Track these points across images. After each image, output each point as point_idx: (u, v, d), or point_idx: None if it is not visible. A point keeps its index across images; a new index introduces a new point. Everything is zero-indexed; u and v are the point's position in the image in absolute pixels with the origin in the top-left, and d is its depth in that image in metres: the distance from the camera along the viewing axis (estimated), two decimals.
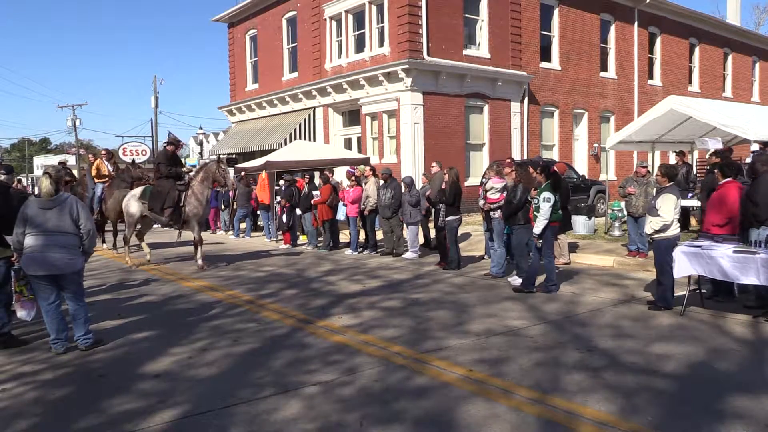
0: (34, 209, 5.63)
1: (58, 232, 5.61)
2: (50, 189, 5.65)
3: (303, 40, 22.59)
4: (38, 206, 5.64)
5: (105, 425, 4.11)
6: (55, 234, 5.59)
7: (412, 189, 11.88)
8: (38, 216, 5.60)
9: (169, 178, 11.10)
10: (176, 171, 11.26)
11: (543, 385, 4.67)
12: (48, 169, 5.82)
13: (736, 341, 5.77)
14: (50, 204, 5.64)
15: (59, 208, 5.65)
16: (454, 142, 19.10)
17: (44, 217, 5.60)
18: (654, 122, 12.53)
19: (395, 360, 5.36)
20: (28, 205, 5.68)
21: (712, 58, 28.65)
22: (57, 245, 5.58)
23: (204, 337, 6.26)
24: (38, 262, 5.55)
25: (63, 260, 5.60)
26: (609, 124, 24.29)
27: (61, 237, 5.62)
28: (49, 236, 5.58)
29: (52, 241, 5.57)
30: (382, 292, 8.43)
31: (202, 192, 10.95)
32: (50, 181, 5.66)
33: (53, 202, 5.65)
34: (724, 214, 7.05)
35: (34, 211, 5.62)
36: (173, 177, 11.11)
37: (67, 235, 5.66)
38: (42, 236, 5.57)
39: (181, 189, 10.98)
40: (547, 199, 8.00)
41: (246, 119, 25.91)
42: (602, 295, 7.94)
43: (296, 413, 4.23)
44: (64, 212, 5.66)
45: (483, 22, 20.03)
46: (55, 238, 5.59)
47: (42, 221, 5.59)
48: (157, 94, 36.18)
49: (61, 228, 5.62)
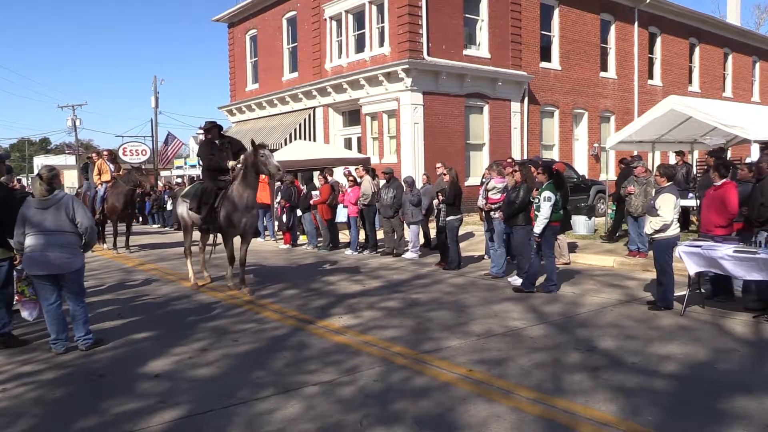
0: (32, 209, 5.66)
1: (56, 231, 5.63)
2: (41, 190, 5.68)
3: (303, 40, 22.59)
4: (35, 206, 5.67)
5: (105, 425, 4.10)
6: (53, 233, 5.61)
7: (414, 188, 11.89)
8: (36, 216, 5.63)
9: (210, 171, 9.00)
10: (216, 160, 8.92)
11: (543, 385, 4.67)
12: (41, 171, 5.82)
13: (736, 341, 5.77)
14: (46, 204, 5.66)
15: (55, 208, 5.67)
16: (454, 142, 19.10)
17: (41, 216, 5.62)
18: (654, 122, 12.51)
19: (395, 360, 5.36)
20: (27, 206, 5.71)
21: (712, 58, 28.65)
22: (56, 245, 5.60)
23: (204, 337, 6.25)
24: (38, 261, 5.58)
25: (61, 259, 5.62)
26: (609, 124, 24.29)
27: (59, 236, 5.63)
28: (48, 236, 5.60)
29: (50, 241, 5.59)
30: (383, 293, 8.42)
31: (241, 193, 8.51)
32: (40, 182, 5.70)
33: (48, 201, 5.67)
34: (726, 216, 7.03)
35: (32, 212, 5.65)
36: (214, 169, 8.96)
37: (65, 234, 5.67)
38: (41, 236, 5.59)
39: (222, 185, 8.79)
40: (548, 198, 8.00)
41: (246, 119, 25.91)
42: (603, 296, 7.93)
43: (296, 413, 4.22)
44: (61, 211, 5.67)
45: (483, 22, 20.03)
46: (53, 238, 5.60)
47: (39, 221, 5.61)
48: (157, 94, 36.21)
49: (59, 227, 5.64)
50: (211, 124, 9.29)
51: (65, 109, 43.83)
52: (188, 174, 32.31)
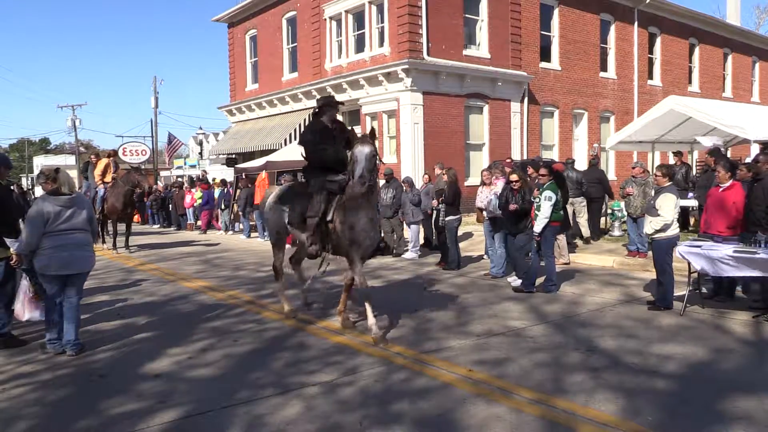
0: (55, 208, 5.59)
1: (81, 230, 5.72)
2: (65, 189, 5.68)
3: (303, 40, 22.58)
4: (60, 205, 5.61)
5: (105, 426, 4.10)
6: (79, 232, 5.69)
7: (413, 188, 11.88)
8: (61, 215, 5.59)
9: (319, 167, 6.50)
10: (331, 153, 6.40)
11: (544, 385, 4.67)
12: (61, 171, 5.82)
13: (736, 341, 5.77)
14: (70, 203, 5.68)
15: (78, 206, 5.74)
16: (453, 142, 19.08)
17: (67, 215, 5.62)
18: (654, 122, 12.54)
19: (395, 360, 5.35)
20: (46, 205, 5.60)
21: (712, 59, 28.63)
22: (82, 243, 5.70)
23: (204, 338, 6.25)
24: (66, 261, 5.59)
25: (85, 258, 5.76)
26: (609, 124, 24.27)
27: (83, 235, 5.74)
28: (74, 234, 5.65)
29: (77, 240, 5.67)
30: (382, 292, 8.41)
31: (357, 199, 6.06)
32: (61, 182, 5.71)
33: (73, 200, 5.71)
34: (732, 219, 7.00)
35: (56, 210, 5.58)
36: (325, 165, 6.43)
37: (86, 233, 5.80)
38: (67, 235, 5.59)
39: (334, 188, 6.33)
40: (549, 198, 8.00)
41: (246, 119, 25.90)
42: (602, 296, 7.93)
43: (296, 414, 4.22)
44: (83, 210, 5.78)
45: (483, 22, 20.02)
46: (80, 237, 5.69)
47: (65, 220, 5.61)
48: (157, 94, 36.16)
49: (83, 226, 5.74)
50: (325, 101, 6.85)
51: (65, 109, 43.78)
52: (188, 174, 32.31)
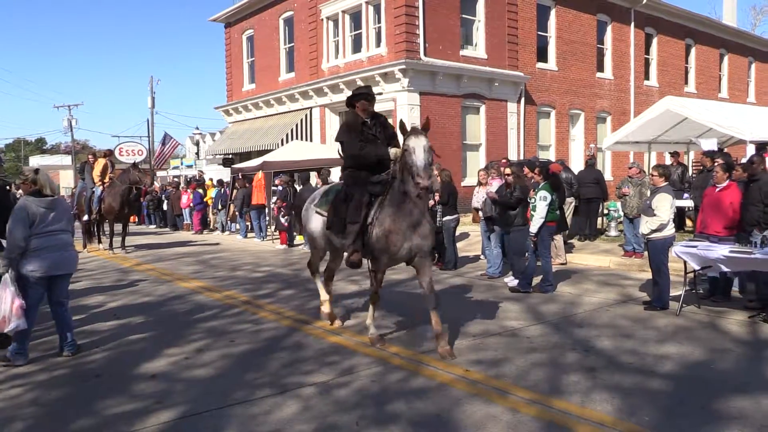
0: (40, 209, 5.47)
1: (65, 231, 5.71)
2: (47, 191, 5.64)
3: (300, 40, 22.56)
4: (44, 206, 5.51)
5: (101, 426, 4.09)
6: (64, 233, 5.68)
7: None
8: (46, 216, 5.51)
9: (358, 167, 5.84)
10: (371, 151, 5.73)
11: (540, 385, 4.67)
12: (40, 171, 5.79)
13: (732, 341, 5.78)
14: (53, 204, 5.63)
15: (61, 208, 5.74)
16: (450, 142, 19.08)
17: (52, 217, 5.57)
18: (650, 123, 12.57)
19: (392, 360, 5.35)
20: (31, 206, 5.46)
21: (708, 59, 28.71)
22: (68, 244, 5.70)
23: (200, 338, 6.24)
24: (57, 262, 5.55)
25: (72, 258, 5.77)
26: (605, 124, 24.33)
27: (68, 235, 5.73)
28: (61, 235, 5.63)
29: (65, 241, 5.66)
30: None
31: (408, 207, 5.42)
32: (45, 182, 5.66)
33: (56, 202, 5.68)
34: (729, 219, 7.02)
35: (41, 212, 5.47)
36: (364, 165, 5.79)
37: (69, 234, 5.79)
38: (55, 236, 5.56)
39: (377, 191, 5.71)
40: (544, 198, 8.02)
41: (243, 119, 25.86)
42: (599, 296, 7.94)
43: (293, 414, 4.22)
44: (65, 211, 5.79)
45: (480, 23, 20.04)
46: (66, 237, 5.69)
47: (52, 221, 5.56)
48: (154, 94, 36.22)
49: (67, 227, 5.74)
50: (360, 91, 6.13)
51: (61, 109, 43.80)
52: (184, 174, 32.24)
